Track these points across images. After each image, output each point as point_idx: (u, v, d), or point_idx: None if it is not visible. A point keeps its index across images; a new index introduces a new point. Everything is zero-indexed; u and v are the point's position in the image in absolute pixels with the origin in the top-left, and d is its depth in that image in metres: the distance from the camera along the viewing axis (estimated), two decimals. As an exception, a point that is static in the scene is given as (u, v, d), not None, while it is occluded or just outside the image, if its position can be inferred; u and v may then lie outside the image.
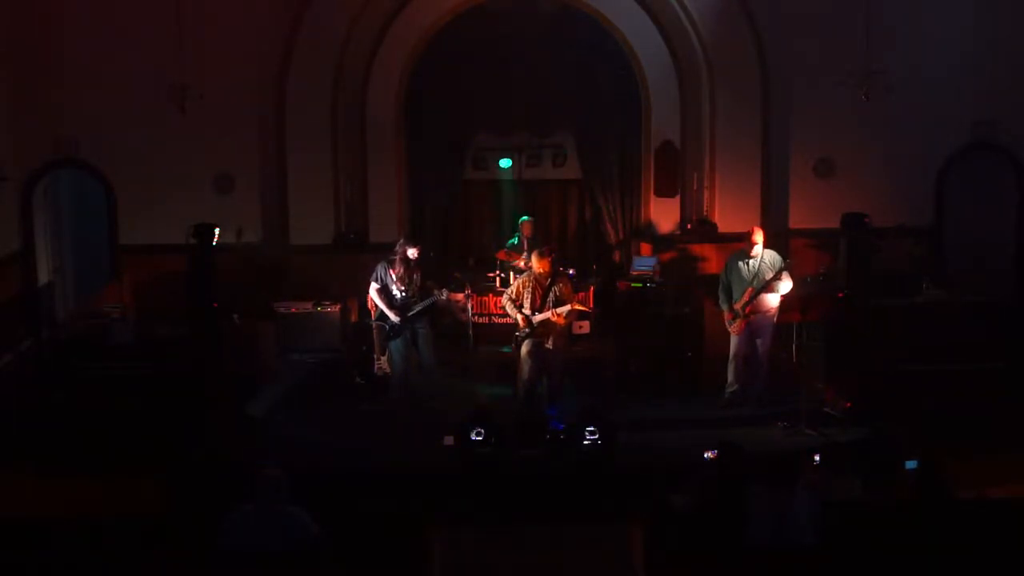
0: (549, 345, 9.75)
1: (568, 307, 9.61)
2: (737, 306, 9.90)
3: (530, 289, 9.77)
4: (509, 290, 10.02)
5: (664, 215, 13.03)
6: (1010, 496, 7.80)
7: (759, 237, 9.93)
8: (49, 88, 11.68)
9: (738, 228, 10.62)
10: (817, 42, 11.87)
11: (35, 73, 11.63)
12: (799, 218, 12.39)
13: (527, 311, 9.73)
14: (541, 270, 9.73)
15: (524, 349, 9.83)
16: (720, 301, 10.13)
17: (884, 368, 10.08)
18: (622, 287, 12.15)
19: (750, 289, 9.84)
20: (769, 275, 9.81)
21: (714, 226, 12.62)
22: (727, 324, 10.05)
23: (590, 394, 10.43)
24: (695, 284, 12.14)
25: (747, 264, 9.93)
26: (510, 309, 9.88)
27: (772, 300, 9.92)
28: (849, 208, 10.36)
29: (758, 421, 9.75)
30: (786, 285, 9.89)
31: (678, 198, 12.99)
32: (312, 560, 6.06)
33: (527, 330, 9.74)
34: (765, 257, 9.92)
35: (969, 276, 11.82)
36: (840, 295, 9.93)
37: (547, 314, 9.63)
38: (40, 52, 11.61)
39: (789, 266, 9.89)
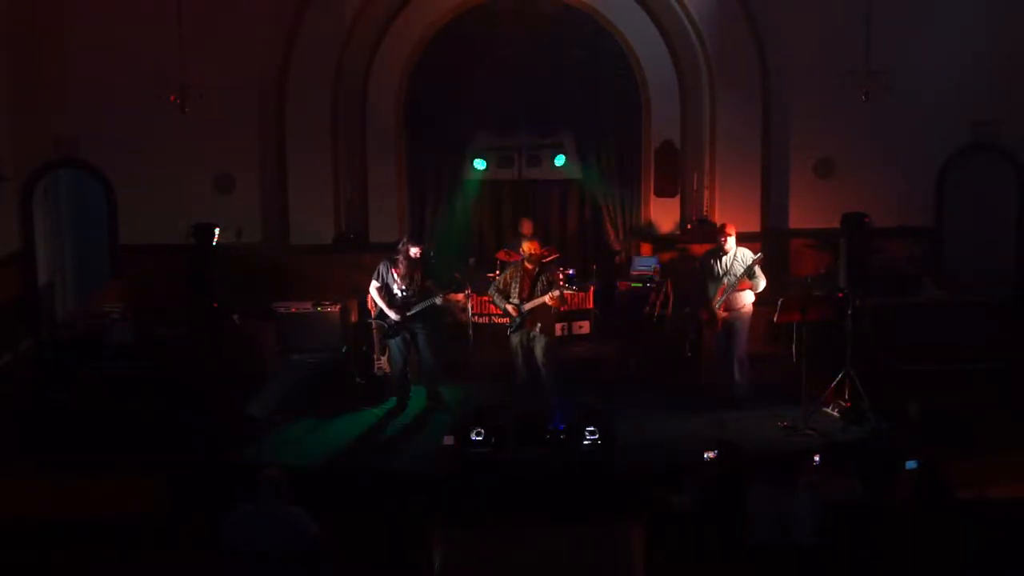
0: (536, 331, 9.86)
1: (559, 291, 9.79)
2: (713, 304, 9.92)
3: (518, 279, 9.88)
4: (496, 282, 10.18)
5: (664, 215, 13.02)
6: (1010, 496, 7.80)
7: (731, 232, 9.94)
8: (49, 88, 11.68)
9: (738, 228, 10.62)
10: (817, 42, 11.87)
11: (35, 73, 11.63)
12: (799, 218, 12.40)
13: (515, 300, 9.83)
14: (532, 251, 9.89)
15: (515, 340, 9.99)
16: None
17: (884, 368, 10.09)
18: (622, 287, 12.15)
19: (723, 287, 9.87)
20: (751, 270, 9.84)
21: (714, 226, 12.59)
22: (703, 323, 10.10)
23: (590, 394, 10.43)
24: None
25: (719, 261, 9.97)
26: (498, 301, 10.04)
27: (746, 298, 9.96)
28: (849, 208, 10.36)
29: (758, 421, 9.77)
30: (760, 283, 9.92)
31: (678, 198, 12.98)
32: (312, 560, 6.06)
33: (517, 320, 9.84)
34: (738, 255, 9.95)
35: (969, 276, 11.82)
36: (840, 295, 9.94)
37: (543, 299, 9.78)
38: (40, 52, 11.61)
39: (760, 260, 9.89)
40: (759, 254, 10.00)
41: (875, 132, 12.00)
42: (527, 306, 9.84)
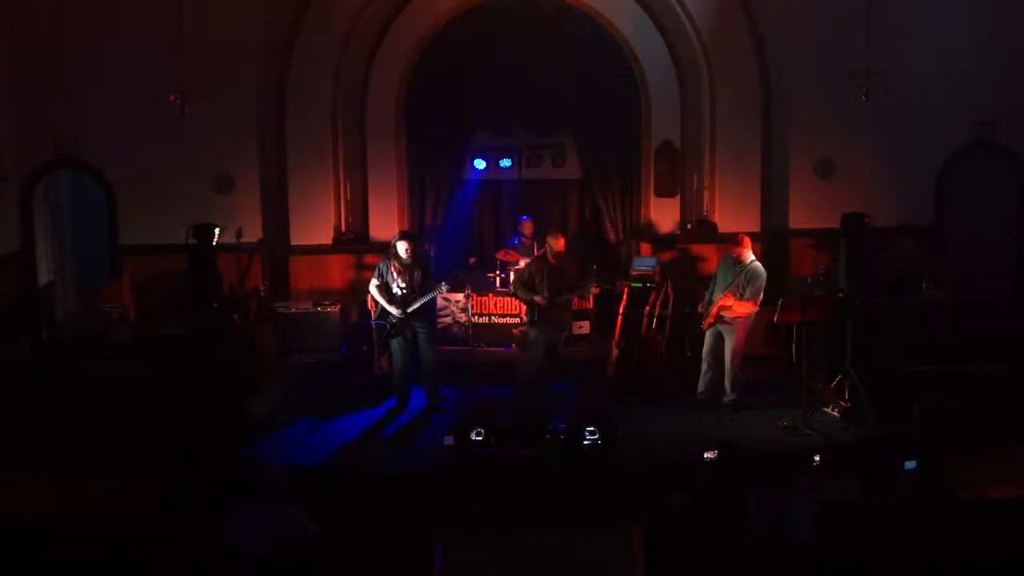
0: (563, 328, 10.16)
1: (593, 288, 10.31)
2: (714, 308, 9.90)
3: (544, 274, 9.98)
4: (520, 274, 10.29)
5: (664, 215, 13.01)
6: (1010, 496, 7.80)
7: (747, 249, 9.88)
8: (49, 88, 11.67)
9: (738, 228, 10.64)
10: (817, 42, 11.86)
11: (35, 73, 11.62)
12: (799, 218, 12.39)
13: (547, 294, 9.89)
14: (558, 248, 10.04)
15: (533, 335, 10.08)
16: (708, 294, 10.18)
17: (884, 368, 10.09)
18: (622, 287, 12.15)
19: (727, 294, 9.83)
20: (746, 289, 9.83)
21: (714, 226, 12.61)
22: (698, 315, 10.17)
23: (590, 394, 10.44)
24: (695, 284, 12.14)
25: (731, 272, 9.94)
26: (523, 294, 10.12)
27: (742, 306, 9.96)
28: (849, 208, 10.37)
29: (758, 421, 9.77)
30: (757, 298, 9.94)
31: (678, 198, 12.97)
32: (312, 560, 6.06)
33: (537, 315, 9.89)
34: (748, 270, 9.88)
35: (969, 276, 11.82)
36: (840, 295, 9.94)
37: (583, 289, 10.17)
38: (40, 52, 11.60)
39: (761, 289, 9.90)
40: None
41: (875, 132, 11.99)
42: (561, 298, 10.02)
